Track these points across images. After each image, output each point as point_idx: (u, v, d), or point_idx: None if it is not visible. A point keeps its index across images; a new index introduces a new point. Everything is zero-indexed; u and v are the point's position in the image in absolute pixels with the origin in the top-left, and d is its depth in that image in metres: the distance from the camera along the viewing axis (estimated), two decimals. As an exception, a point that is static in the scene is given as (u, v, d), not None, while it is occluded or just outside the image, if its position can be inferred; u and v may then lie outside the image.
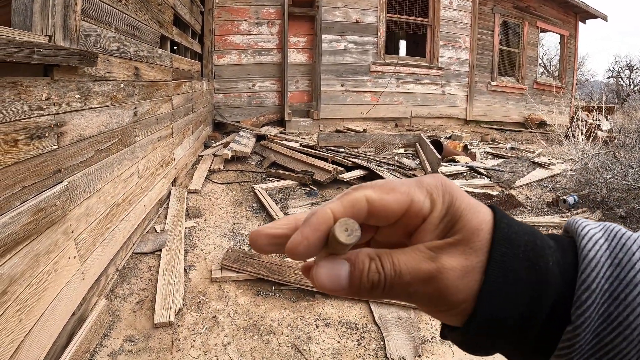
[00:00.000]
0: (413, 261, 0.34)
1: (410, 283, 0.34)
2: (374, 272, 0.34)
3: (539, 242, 0.34)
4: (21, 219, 1.82)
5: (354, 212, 0.34)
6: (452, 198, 0.35)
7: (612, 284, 0.32)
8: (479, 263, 0.33)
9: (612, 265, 0.32)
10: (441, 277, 0.33)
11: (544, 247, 0.34)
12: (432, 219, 0.35)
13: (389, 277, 0.34)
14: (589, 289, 0.32)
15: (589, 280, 0.32)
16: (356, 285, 0.34)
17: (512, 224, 0.35)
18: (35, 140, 1.94)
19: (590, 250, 0.33)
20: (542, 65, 24.14)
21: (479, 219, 0.35)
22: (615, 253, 0.33)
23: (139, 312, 2.82)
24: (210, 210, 4.70)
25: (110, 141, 2.95)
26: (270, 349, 2.56)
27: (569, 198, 4.95)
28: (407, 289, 0.34)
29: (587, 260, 0.33)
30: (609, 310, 0.32)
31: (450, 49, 11.15)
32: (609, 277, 0.32)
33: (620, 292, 0.31)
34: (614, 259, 0.32)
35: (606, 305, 0.32)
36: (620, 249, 0.33)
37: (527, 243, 0.34)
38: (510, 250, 0.33)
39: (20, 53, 1.66)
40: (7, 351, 1.69)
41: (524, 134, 11.18)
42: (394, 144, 7.48)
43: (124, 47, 3.20)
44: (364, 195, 0.35)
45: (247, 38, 9.41)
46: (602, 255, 0.33)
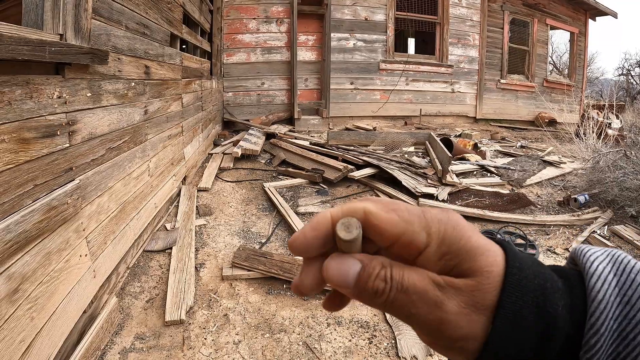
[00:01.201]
0: (423, 282, 0.34)
1: (414, 302, 0.33)
2: (381, 280, 0.34)
3: (549, 285, 0.34)
4: (33, 217, 1.82)
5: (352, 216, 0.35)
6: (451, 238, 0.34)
7: (620, 323, 0.32)
8: (485, 308, 0.33)
9: (622, 304, 0.32)
10: (446, 309, 0.33)
11: (553, 291, 0.33)
12: (428, 253, 0.34)
13: (394, 289, 0.34)
14: (598, 332, 0.31)
15: (597, 324, 0.32)
16: (361, 287, 0.34)
17: (524, 267, 0.34)
18: (47, 139, 1.94)
19: (599, 291, 0.33)
20: (551, 63, 23.96)
21: (488, 260, 0.34)
22: (624, 290, 0.32)
23: (149, 310, 2.83)
24: (221, 208, 4.70)
25: (121, 139, 2.96)
26: (281, 347, 2.56)
27: (580, 197, 4.89)
28: (409, 307, 0.34)
29: (597, 303, 0.32)
30: (618, 350, 0.31)
31: (459, 47, 11.09)
32: (618, 316, 0.32)
33: (629, 332, 0.31)
34: (623, 296, 0.32)
35: (615, 345, 0.31)
36: (630, 285, 0.32)
37: (537, 287, 0.33)
38: (521, 298, 0.33)
39: (32, 51, 1.67)
40: (19, 349, 1.69)
41: (534, 132, 11.09)
42: (403, 142, 7.45)
43: (134, 45, 3.21)
44: (363, 206, 0.35)
45: (256, 36, 9.42)
46: (611, 294, 0.32)
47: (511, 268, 0.33)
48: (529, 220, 4.48)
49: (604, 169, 5.23)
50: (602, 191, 5.04)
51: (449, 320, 0.33)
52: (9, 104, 1.65)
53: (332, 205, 4.85)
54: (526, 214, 4.75)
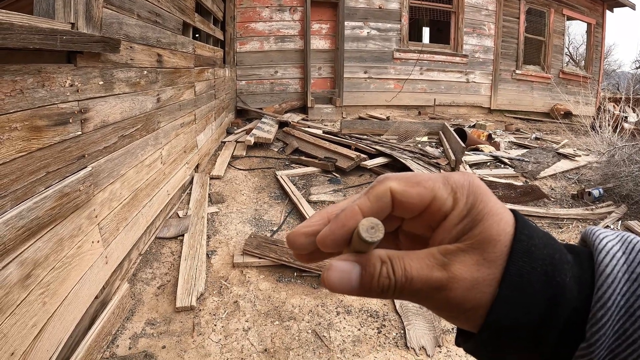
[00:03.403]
0: (425, 268, 0.34)
1: (420, 290, 0.34)
2: (384, 277, 0.34)
3: (558, 257, 0.33)
4: (45, 204, 1.85)
5: (380, 205, 0.35)
6: (475, 200, 0.34)
7: (628, 299, 0.31)
8: (491, 276, 0.33)
9: (629, 281, 0.32)
10: (450, 286, 0.33)
11: (562, 262, 0.33)
12: (452, 217, 0.35)
13: (399, 283, 0.34)
14: (605, 306, 0.31)
15: (605, 297, 0.31)
16: (367, 289, 0.34)
17: (533, 236, 0.34)
18: (59, 127, 1.97)
19: (607, 265, 0.33)
20: (568, 54, 23.55)
21: (499, 227, 0.34)
22: (633, 267, 0.32)
23: (161, 296, 2.86)
24: (233, 196, 4.73)
25: (134, 127, 2.98)
26: (290, 335, 2.58)
27: (594, 191, 4.83)
28: (417, 294, 0.34)
29: (604, 277, 0.32)
30: (625, 327, 0.31)
31: (474, 37, 10.96)
32: (626, 292, 0.31)
33: (637, 308, 0.31)
34: (631, 273, 0.32)
35: (622, 321, 0.31)
36: (638, 263, 0.32)
37: (546, 257, 0.33)
38: (529, 264, 0.33)
39: (44, 40, 1.68)
40: (31, 333, 1.73)
41: (549, 124, 10.96)
42: (417, 132, 7.41)
43: (146, 34, 3.22)
44: (388, 187, 0.35)
45: (269, 25, 9.39)
46: (620, 270, 0.32)
47: (520, 235, 0.33)
48: (542, 213, 4.44)
49: (619, 163, 5.16)
50: (616, 185, 4.97)
51: (455, 297, 0.33)
52: (21, 92, 1.66)
53: (345, 195, 4.85)
54: (539, 206, 4.71)
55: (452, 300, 0.33)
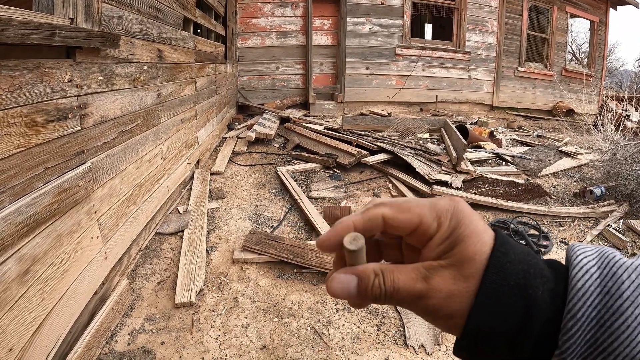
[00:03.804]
0: (409, 280, 0.39)
1: (405, 298, 0.39)
2: (376, 287, 0.40)
3: (532, 272, 0.37)
4: (44, 200, 1.84)
5: (371, 225, 0.42)
6: (457, 223, 0.40)
7: (599, 311, 0.34)
8: (466, 289, 0.37)
9: (601, 294, 0.34)
10: (429, 296, 0.38)
11: (536, 277, 0.37)
12: (436, 238, 0.40)
13: (388, 292, 0.39)
14: (575, 317, 0.34)
15: (574, 310, 0.34)
16: (362, 296, 0.40)
17: (509, 252, 0.38)
18: (58, 122, 1.96)
19: (579, 279, 0.35)
20: (570, 52, 23.41)
21: (476, 247, 0.38)
22: (605, 282, 0.35)
23: (160, 292, 2.86)
24: (233, 192, 4.72)
25: (134, 123, 2.98)
26: (289, 332, 2.57)
27: (596, 189, 4.81)
28: (403, 301, 0.40)
29: (575, 290, 0.35)
30: (596, 337, 0.33)
31: (477, 33, 10.91)
32: (597, 305, 0.34)
33: (607, 320, 0.33)
34: (603, 287, 0.34)
35: (593, 331, 0.33)
36: (611, 277, 0.35)
37: (519, 272, 0.37)
38: (503, 278, 0.37)
39: (42, 35, 1.67)
40: (29, 329, 1.73)
41: (551, 122, 10.92)
42: (418, 129, 7.39)
43: (146, 29, 3.20)
44: (380, 213, 0.41)
45: (271, 20, 9.36)
46: (592, 285, 0.35)
47: (496, 252, 0.38)
48: (543, 211, 4.43)
49: (621, 162, 5.13)
50: (618, 184, 4.95)
51: (433, 305, 0.38)
52: (20, 87, 1.66)
53: (345, 191, 4.84)
54: (541, 204, 4.69)
55: (431, 307, 0.38)
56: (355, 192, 4.83)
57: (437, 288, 0.38)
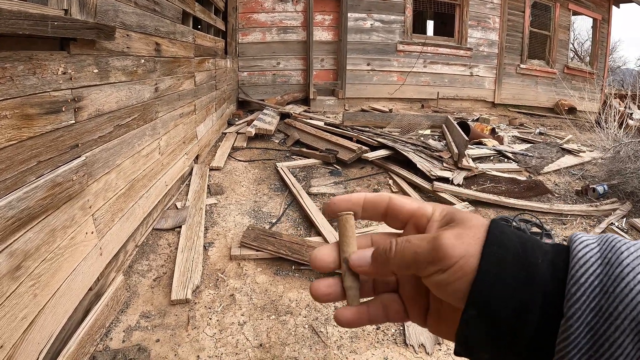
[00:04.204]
0: (421, 235, 0.42)
1: (417, 245, 0.40)
2: (388, 245, 0.42)
3: (530, 245, 0.38)
4: (36, 194, 1.81)
5: (378, 200, 0.47)
6: (450, 209, 0.44)
7: (602, 280, 0.34)
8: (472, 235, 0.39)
9: (602, 265, 0.34)
10: (440, 237, 0.39)
11: (534, 249, 0.38)
12: (434, 217, 0.44)
13: (400, 244, 0.41)
14: (578, 282, 0.34)
15: (577, 276, 0.35)
16: (375, 257, 0.43)
17: (505, 231, 0.39)
18: (51, 115, 1.92)
19: (580, 251, 0.36)
20: (573, 49, 23.26)
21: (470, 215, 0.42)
22: (604, 254, 0.35)
23: (156, 289, 2.83)
24: (232, 187, 4.69)
25: (130, 117, 2.94)
26: (286, 330, 2.54)
27: (599, 187, 4.77)
28: (415, 250, 0.40)
29: (577, 259, 0.36)
30: (600, 304, 0.33)
31: (479, 30, 10.84)
32: (599, 274, 0.34)
33: (609, 286, 0.33)
34: (603, 259, 0.35)
35: (597, 299, 0.33)
36: (610, 249, 0.35)
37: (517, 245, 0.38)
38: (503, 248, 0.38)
39: (34, 26, 1.63)
40: (21, 326, 1.69)
41: (553, 119, 10.86)
42: (420, 125, 7.35)
43: (144, 22, 3.16)
44: (388, 194, 0.47)
45: (272, 16, 9.31)
46: (593, 256, 0.35)
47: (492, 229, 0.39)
48: (545, 208, 4.39)
49: (624, 160, 5.09)
50: (621, 182, 4.91)
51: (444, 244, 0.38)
52: (11, 79, 1.62)
53: (345, 187, 4.81)
54: (543, 202, 4.65)
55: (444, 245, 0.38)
56: (355, 188, 4.79)
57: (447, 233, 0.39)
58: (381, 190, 4.78)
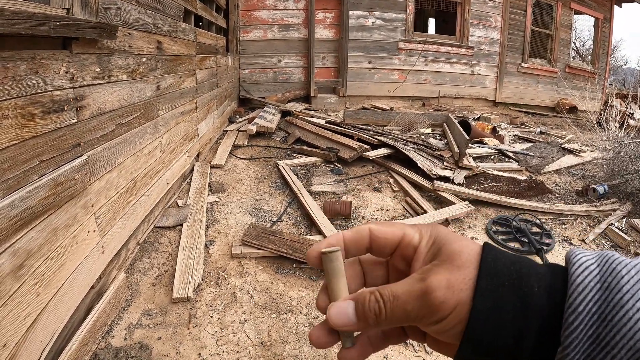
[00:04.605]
0: (406, 286, 0.40)
1: (406, 302, 0.39)
2: (374, 302, 0.40)
3: (525, 272, 0.38)
4: (39, 193, 1.82)
5: (359, 237, 0.45)
6: (437, 233, 0.43)
7: (600, 306, 0.34)
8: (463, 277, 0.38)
9: (602, 290, 0.34)
10: (430, 291, 0.38)
11: (530, 275, 0.38)
12: (421, 247, 0.43)
13: (388, 302, 0.40)
14: (576, 311, 0.34)
15: (575, 304, 0.34)
16: (362, 317, 0.41)
17: (499, 258, 0.39)
18: (53, 114, 1.93)
19: (579, 275, 0.36)
20: (574, 48, 23.22)
21: (462, 244, 0.41)
22: (604, 277, 0.35)
23: (158, 287, 2.84)
24: (233, 185, 4.70)
25: (132, 115, 2.94)
26: (287, 328, 2.55)
27: (599, 187, 4.77)
28: (405, 307, 0.39)
29: (575, 285, 0.35)
30: (598, 332, 0.33)
31: (480, 28, 10.82)
32: (598, 300, 0.34)
33: (608, 313, 0.33)
34: (603, 282, 0.34)
35: (595, 326, 0.33)
36: (610, 273, 0.35)
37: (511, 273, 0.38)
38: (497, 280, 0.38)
39: (36, 26, 1.64)
40: (24, 324, 1.71)
41: (554, 118, 10.85)
42: (421, 124, 7.35)
43: (145, 20, 3.16)
44: (368, 227, 0.45)
45: (273, 13, 9.30)
46: (592, 280, 0.35)
47: (485, 256, 0.39)
48: (545, 208, 4.39)
49: (625, 160, 5.09)
50: (622, 183, 4.91)
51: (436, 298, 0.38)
52: (13, 79, 1.63)
53: (346, 185, 4.82)
54: (543, 202, 4.66)
55: (434, 302, 0.38)
56: (356, 187, 4.80)
57: (437, 281, 0.38)
58: (382, 188, 4.79)
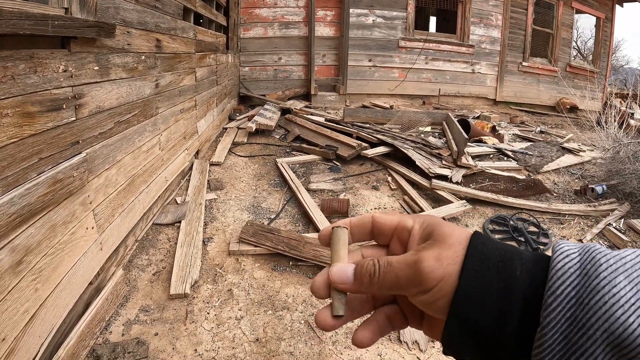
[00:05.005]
0: (402, 257, 0.44)
1: (399, 269, 0.43)
2: (370, 265, 0.45)
3: (509, 256, 0.41)
4: (37, 190, 1.84)
5: (363, 222, 0.51)
6: (429, 220, 0.47)
7: (578, 291, 0.36)
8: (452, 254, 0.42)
9: (580, 276, 0.36)
10: (420, 261, 0.42)
11: (513, 259, 0.41)
12: (414, 231, 0.48)
13: (382, 267, 0.44)
14: (554, 294, 0.36)
15: (554, 287, 0.37)
16: (358, 277, 0.46)
17: (486, 243, 0.43)
18: (52, 112, 1.95)
19: (559, 262, 0.38)
20: (575, 48, 23.17)
21: (452, 227, 0.44)
22: (584, 265, 0.37)
23: (155, 283, 2.87)
24: (232, 183, 4.72)
25: (131, 113, 2.97)
26: (283, 325, 2.58)
27: (598, 187, 4.79)
28: (396, 273, 0.43)
29: (555, 270, 0.38)
30: (575, 314, 0.35)
31: (481, 27, 10.82)
32: (576, 285, 0.36)
33: (585, 297, 0.35)
34: (582, 270, 0.37)
35: (573, 309, 0.35)
36: (590, 261, 0.37)
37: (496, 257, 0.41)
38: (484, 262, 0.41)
39: (35, 25, 1.66)
40: (22, 319, 1.73)
41: (554, 117, 10.85)
42: (420, 122, 7.36)
43: (144, 18, 3.18)
44: (370, 214, 0.51)
45: (274, 11, 9.31)
46: (572, 267, 0.37)
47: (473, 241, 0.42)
48: (543, 207, 4.41)
49: (624, 160, 5.10)
50: (620, 183, 4.93)
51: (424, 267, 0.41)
52: (12, 78, 1.65)
53: (344, 183, 4.84)
54: (541, 201, 4.68)
55: (422, 270, 0.41)
56: (354, 185, 4.82)
57: (427, 254, 0.42)
58: (380, 187, 4.81)
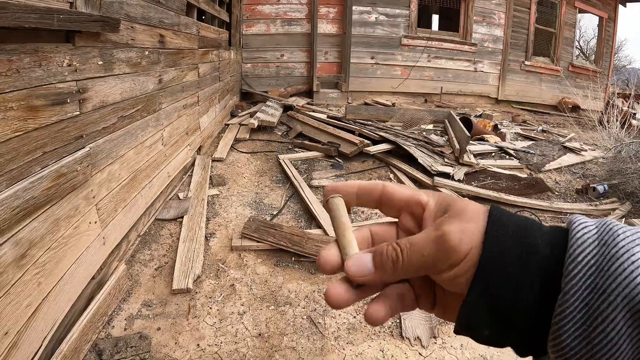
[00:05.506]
0: (423, 234, 0.42)
1: (423, 247, 0.41)
2: (391, 251, 0.42)
3: (529, 226, 0.41)
4: (41, 184, 1.84)
5: (372, 188, 0.48)
6: (444, 196, 0.46)
7: (597, 259, 0.36)
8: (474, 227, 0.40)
9: (599, 245, 0.37)
10: (446, 234, 0.40)
11: (533, 229, 0.41)
12: (429, 205, 0.45)
13: (405, 249, 0.42)
14: (575, 260, 0.37)
15: (575, 254, 0.37)
16: (380, 266, 0.42)
17: (504, 212, 0.42)
18: (56, 106, 1.95)
19: (578, 232, 0.39)
20: (578, 47, 23.11)
21: (467, 202, 0.43)
22: (602, 235, 0.38)
23: (158, 278, 2.87)
24: (234, 179, 4.72)
25: (134, 108, 2.97)
26: (285, 320, 2.58)
27: (599, 186, 4.78)
28: (422, 253, 0.41)
29: (575, 239, 0.38)
30: (596, 282, 0.36)
31: (484, 25, 10.79)
32: (596, 254, 0.37)
33: (605, 265, 0.36)
34: (600, 240, 0.37)
35: (593, 277, 0.36)
36: (607, 232, 0.38)
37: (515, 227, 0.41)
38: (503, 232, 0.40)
39: (40, 19, 1.66)
40: (25, 313, 1.74)
41: (556, 117, 10.82)
42: (422, 120, 7.36)
43: (148, 14, 3.18)
44: (382, 182, 0.48)
45: (276, 7, 9.30)
46: (590, 237, 0.38)
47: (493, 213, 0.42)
48: (545, 206, 4.41)
49: (625, 160, 5.09)
50: (622, 182, 4.92)
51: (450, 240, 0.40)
52: (17, 72, 1.65)
53: (347, 179, 4.81)
54: (543, 199, 4.68)
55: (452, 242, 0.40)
56: (356, 182, 4.81)
57: (450, 228, 0.40)
58: (382, 184, 4.81)
